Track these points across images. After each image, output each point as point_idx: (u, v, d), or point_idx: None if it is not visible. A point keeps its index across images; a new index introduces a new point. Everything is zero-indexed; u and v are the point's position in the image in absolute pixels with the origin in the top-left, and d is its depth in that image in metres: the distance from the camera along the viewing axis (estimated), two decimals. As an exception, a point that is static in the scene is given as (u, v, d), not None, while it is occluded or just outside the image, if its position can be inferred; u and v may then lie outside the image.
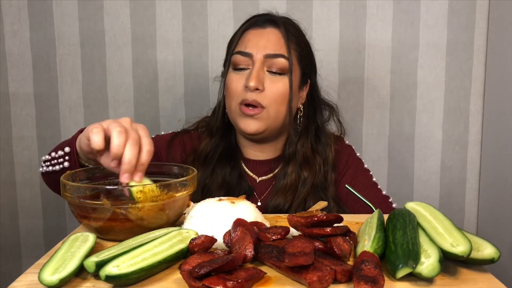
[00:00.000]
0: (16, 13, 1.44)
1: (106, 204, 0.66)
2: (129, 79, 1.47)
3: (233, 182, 1.04)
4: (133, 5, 1.44)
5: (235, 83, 0.99)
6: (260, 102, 0.97)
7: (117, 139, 0.68)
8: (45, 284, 0.53)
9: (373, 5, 1.44)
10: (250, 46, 0.99)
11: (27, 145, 1.49)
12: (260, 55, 0.98)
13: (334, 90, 1.46)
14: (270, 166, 1.08)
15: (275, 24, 1.01)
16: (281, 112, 1.00)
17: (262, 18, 1.03)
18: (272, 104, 0.98)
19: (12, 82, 1.47)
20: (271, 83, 0.98)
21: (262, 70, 0.98)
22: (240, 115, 0.99)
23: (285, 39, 0.99)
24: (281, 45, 0.99)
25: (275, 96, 0.98)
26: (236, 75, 1.00)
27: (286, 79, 0.99)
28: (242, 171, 1.07)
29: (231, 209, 0.70)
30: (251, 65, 0.99)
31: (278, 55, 0.98)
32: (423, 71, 1.47)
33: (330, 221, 0.64)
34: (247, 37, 1.01)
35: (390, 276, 0.56)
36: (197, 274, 0.52)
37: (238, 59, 1.00)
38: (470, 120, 1.49)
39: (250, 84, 0.95)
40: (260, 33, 1.00)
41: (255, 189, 1.06)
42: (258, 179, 1.08)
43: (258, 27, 1.01)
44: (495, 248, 0.58)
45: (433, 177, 1.51)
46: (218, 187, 1.03)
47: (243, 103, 0.98)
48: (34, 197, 1.51)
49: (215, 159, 1.05)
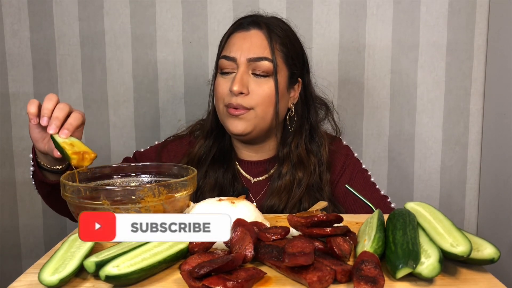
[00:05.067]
0: (16, 13, 1.44)
1: (106, 204, 0.66)
2: (129, 79, 1.47)
3: (226, 184, 1.04)
4: (133, 5, 1.44)
5: (221, 87, 1.00)
6: (245, 106, 0.97)
7: (47, 103, 0.82)
8: (45, 284, 0.53)
9: (373, 5, 1.44)
10: (234, 50, 0.99)
11: (27, 145, 1.49)
12: (243, 58, 0.98)
13: (334, 90, 1.47)
14: (265, 167, 1.08)
15: (258, 26, 1.01)
16: (269, 113, 1.00)
17: (247, 21, 1.03)
18: (259, 106, 0.98)
19: (12, 82, 1.47)
20: (257, 86, 0.98)
21: (247, 73, 0.98)
22: (227, 116, 0.99)
23: (268, 40, 0.99)
24: (264, 47, 0.99)
25: (261, 99, 0.98)
26: (222, 79, 1.01)
27: (271, 81, 0.99)
28: (236, 172, 1.07)
29: (231, 209, 0.70)
30: (236, 69, 0.99)
31: (261, 58, 0.98)
32: (423, 71, 1.47)
33: (330, 221, 0.64)
34: (232, 41, 1.01)
35: (390, 276, 0.56)
36: (197, 274, 0.52)
37: (223, 64, 1.00)
38: (470, 120, 1.49)
39: (234, 89, 0.96)
40: (243, 36, 1.00)
41: (250, 190, 1.06)
42: (253, 180, 1.08)
43: (243, 29, 1.01)
44: (495, 248, 0.58)
45: (433, 177, 1.51)
46: (211, 189, 1.03)
47: (229, 107, 0.98)
48: (34, 197, 1.51)
49: (208, 161, 1.05)
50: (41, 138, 0.87)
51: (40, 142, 0.87)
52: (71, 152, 0.78)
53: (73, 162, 0.77)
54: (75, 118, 0.83)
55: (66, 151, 0.78)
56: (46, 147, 0.87)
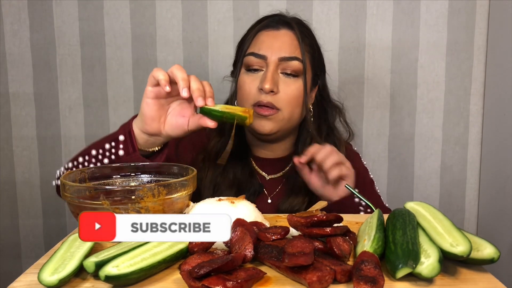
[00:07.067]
0: (16, 13, 1.44)
1: (105, 205, 0.66)
2: (129, 79, 1.47)
3: (244, 180, 1.04)
4: (133, 5, 1.44)
5: (248, 85, 0.99)
6: (275, 104, 0.97)
7: (181, 73, 0.79)
8: (44, 284, 0.53)
9: (373, 5, 1.44)
10: (264, 48, 0.98)
11: (27, 145, 1.49)
12: (274, 57, 0.97)
13: (334, 90, 1.47)
14: (280, 165, 1.08)
15: (289, 26, 1.01)
16: (295, 114, 1.01)
17: (275, 19, 1.03)
18: (287, 106, 0.98)
19: (12, 82, 1.47)
20: (286, 85, 0.98)
21: (277, 72, 0.98)
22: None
23: (299, 41, 0.99)
24: (295, 48, 0.98)
25: (290, 99, 0.98)
26: (249, 77, 1.00)
27: (300, 81, 0.99)
28: (252, 169, 1.07)
29: (230, 209, 0.70)
30: (264, 67, 0.98)
31: (292, 58, 0.98)
32: (423, 71, 1.47)
33: (330, 221, 0.64)
34: (260, 39, 1.00)
35: (390, 276, 0.56)
36: (196, 274, 0.52)
37: (251, 61, 0.99)
38: (470, 120, 1.49)
39: (266, 87, 0.95)
40: (274, 35, 1.00)
41: (265, 187, 1.06)
42: (267, 177, 1.08)
43: (271, 28, 1.01)
44: (495, 248, 0.58)
45: (433, 177, 1.51)
46: (229, 185, 1.02)
47: (258, 105, 0.97)
48: (34, 197, 1.51)
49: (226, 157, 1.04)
50: (158, 117, 0.83)
51: (156, 121, 0.83)
52: (241, 111, 0.81)
53: (247, 121, 0.81)
54: (210, 86, 0.82)
55: (236, 113, 0.81)
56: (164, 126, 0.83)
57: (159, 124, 0.83)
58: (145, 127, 0.83)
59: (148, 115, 0.82)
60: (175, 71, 0.79)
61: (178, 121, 0.84)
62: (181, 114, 0.84)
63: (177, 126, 0.84)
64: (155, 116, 0.82)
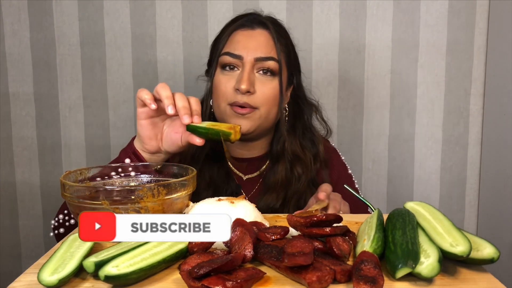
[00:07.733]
0: (16, 13, 1.44)
1: (105, 205, 0.66)
2: (129, 79, 1.47)
3: (221, 181, 1.04)
4: (133, 5, 1.44)
5: (224, 84, 0.99)
6: (251, 104, 0.97)
7: (165, 92, 0.82)
8: (44, 284, 0.53)
9: (373, 5, 1.44)
10: (239, 48, 0.98)
11: (27, 145, 1.49)
12: (250, 57, 0.97)
13: (334, 90, 1.47)
14: (256, 164, 1.09)
15: (264, 26, 1.01)
16: (272, 113, 1.01)
17: (250, 18, 1.02)
18: (264, 105, 0.98)
19: (12, 82, 1.47)
20: (262, 85, 0.98)
21: (253, 72, 0.98)
22: (231, 115, 0.98)
23: (274, 41, 0.99)
24: (271, 48, 0.99)
25: (266, 98, 0.98)
26: (225, 76, 0.99)
27: (276, 81, 0.99)
28: (228, 169, 1.07)
29: (230, 209, 0.70)
30: (240, 67, 0.98)
31: (268, 58, 0.98)
32: (423, 71, 1.47)
33: (329, 221, 0.64)
34: (235, 38, 1.00)
35: (389, 276, 0.56)
36: (196, 274, 0.52)
37: (227, 60, 0.99)
38: (470, 120, 1.49)
39: (242, 87, 0.95)
40: (249, 35, 1.00)
41: (242, 187, 1.06)
42: (244, 177, 1.08)
43: (247, 28, 1.01)
44: (494, 248, 0.58)
45: (433, 177, 1.51)
46: (205, 187, 1.03)
47: (234, 105, 0.97)
48: (34, 197, 1.51)
49: (201, 159, 1.04)
50: (155, 135, 0.86)
51: (153, 140, 0.86)
52: (226, 127, 0.81)
53: (232, 137, 0.81)
54: (197, 103, 0.84)
55: (221, 129, 0.81)
56: (162, 144, 0.86)
57: (157, 142, 0.87)
58: (145, 146, 0.87)
59: (145, 135, 0.86)
60: (159, 90, 0.82)
61: (172, 137, 0.87)
62: (174, 131, 0.87)
63: (172, 143, 0.87)
64: (151, 135, 0.86)
